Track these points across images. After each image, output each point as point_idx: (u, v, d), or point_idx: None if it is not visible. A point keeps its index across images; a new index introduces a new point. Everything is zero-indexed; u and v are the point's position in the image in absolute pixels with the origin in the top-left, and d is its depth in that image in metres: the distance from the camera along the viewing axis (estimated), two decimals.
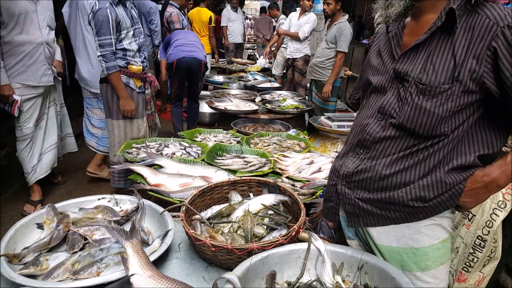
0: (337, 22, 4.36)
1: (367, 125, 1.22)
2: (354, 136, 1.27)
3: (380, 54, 1.26)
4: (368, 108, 1.25)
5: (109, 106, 2.79)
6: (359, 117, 1.29)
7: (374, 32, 5.89)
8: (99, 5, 2.56)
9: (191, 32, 4.68)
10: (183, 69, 4.12)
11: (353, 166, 1.24)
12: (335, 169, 1.32)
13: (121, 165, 2.18)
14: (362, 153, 1.23)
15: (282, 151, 2.96)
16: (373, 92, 1.25)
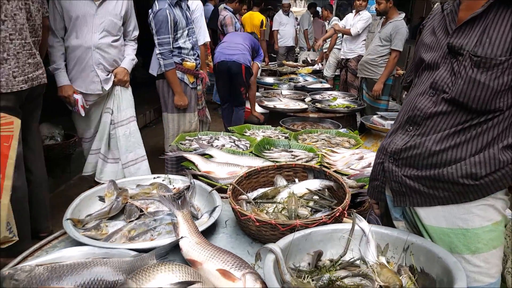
0: (392, 20, 4.26)
1: (418, 101, 1.20)
2: (404, 114, 1.26)
3: (434, 32, 1.24)
4: (419, 85, 1.23)
5: (165, 100, 2.97)
6: (410, 95, 1.27)
7: None
8: (159, 6, 2.76)
9: (241, 34, 4.62)
10: (224, 72, 4.12)
11: (402, 143, 1.22)
12: (383, 147, 1.31)
13: (175, 152, 2.31)
14: (412, 129, 1.21)
15: (331, 147, 2.94)
16: (425, 69, 1.23)
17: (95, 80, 2.76)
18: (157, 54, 2.81)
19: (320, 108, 4.20)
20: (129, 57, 2.93)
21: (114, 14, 2.73)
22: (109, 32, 2.73)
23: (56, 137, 3.43)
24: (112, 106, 2.92)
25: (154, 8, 2.80)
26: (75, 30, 2.65)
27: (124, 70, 2.89)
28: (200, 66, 3.10)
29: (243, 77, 4.15)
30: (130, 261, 1.06)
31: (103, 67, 2.76)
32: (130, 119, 2.98)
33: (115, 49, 2.79)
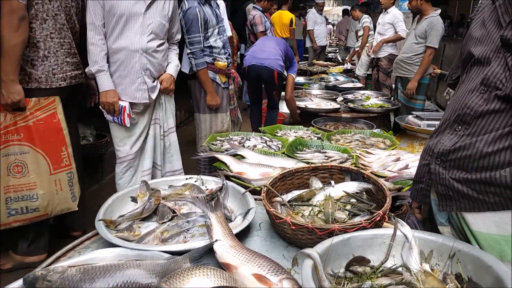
0: (428, 16, 4.10)
1: (468, 99, 1.11)
2: (451, 112, 1.16)
3: (484, 25, 1.15)
4: (468, 82, 1.14)
5: (197, 100, 2.96)
6: (457, 93, 1.18)
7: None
8: (188, 5, 2.74)
9: (274, 38, 4.43)
10: (254, 77, 3.92)
11: (450, 143, 1.14)
12: (429, 148, 1.22)
13: (206, 153, 2.29)
14: (461, 129, 1.12)
15: (365, 148, 2.84)
16: (475, 65, 1.13)
17: (141, 88, 2.46)
18: (188, 54, 2.79)
19: (353, 108, 4.11)
20: (174, 63, 2.67)
21: (163, 15, 2.46)
22: (157, 34, 2.45)
23: (88, 137, 3.51)
24: (160, 116, 2.68)
25: (183, 7, 2.78)
26: (119, 30, 2.35)
27: (171, 77, 2.63)
28: (232, 65, 3.07)
29: (276, 82, 3.94)
30: (164, 264, 1.04)
31: (150, 73, 2.48)
32: (171, 129, 2.76)
33: (161, 54, 2.52)
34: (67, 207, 2.44)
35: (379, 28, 5.80)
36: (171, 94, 2.70)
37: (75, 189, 2.47)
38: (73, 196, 2.46)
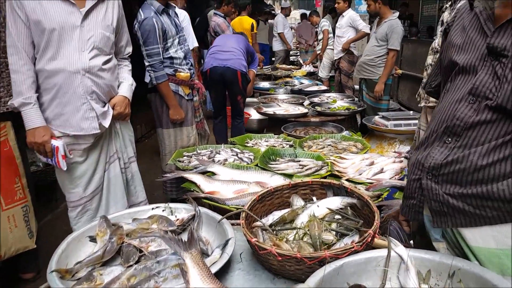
0: (387, 19, 4.19)
1: (456, 110, 1.05)
2: (439, 123, 1.10)
3: (466, 32, 1.09)
4: (455, 91, 1.07)
5: (159, 115, 2.77)
6: (443, 103, 1.11)
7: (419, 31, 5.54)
8: (144, 15, 2.55)
9: (234, 37, 4.17)
10: (217, 80, 3.72)
11: (441, 156, 1.06)
12: (418, 161, 1.14)
13: (173, 174, 2.11)
14: (452, 141, 1.06)
15: (338, 153, 2.78)
16: (459, 73, 1.08)
17: (89, 116, 1.98)
18: (147, 67, 2.58)
19: (321, 111, 4.08)
20: (127, 82, 2.22)
21: (105, 25, 2.01)
22: (100, 49, 2.00)
23: (38, 163, 3.14)
24: (118, 147, 2.24)
25: (139, 17, 2.58)
26: (53, 48, 1.87)
27: (125, 100, 2.17)
28: (195, 75, 2.90)
29: (240, 85, 3.81)
30: None
31: (98, 96, 2.02)
32: (131, 159, 2.34)
33: (109, 72, 2.05)
34: (24, 245, 2.19)
35: (338, 31, 5.90)
36: (127, 119, 2.27)
37: (32, 224, 2.22)
38: (30, 233, 2.21)
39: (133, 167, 2.37)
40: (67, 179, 2.06)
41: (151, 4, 2.62)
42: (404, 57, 5.91)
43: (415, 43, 6.04)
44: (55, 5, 1.86)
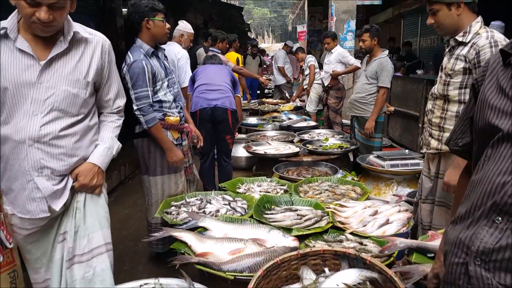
0: (377, 57, 4.19)
1: (505, 184, 0.89)
2: (483, 197, 0.94)
3: (504, 92, 0.96)
4: (500, 161, 0.92)
5: (146, 161, 2.56)
6: (486, 172, 0.96)
7: (404, 64, 5.53)
8: (133, 58, 2.42)
9: (219, 69, 3.98)
10: (207, 120, 3.57)
11: (492, 239, 0.90)
12: (461, 242, 0.96)
13: (162, 232, 1.89)
14: (502, 221, 0.89)
15: (337, 199, 2.62)
16: (504, 141, 0.93)
17: (35, 196, 1.59)
18: (135, 111, 2.40)
19: (312, 150, 3.96)
20: (103, 145, 1.76)
21: (73, 79, 1.61)
22: (63, 111, 1.61)
23: None
24: (70, 228, 1.69)
25: (127, 60, 2.43)
26: (6, 110, 1.56)
27: (93, 168, 1.70)
28: (184, 118, 2.72)
29: (230, 123, 3.67)
30: None
31: (51, 172, 1.61)
32: (99, 250, 1.70)
33: (73, 138, 1.65)
34: None
35: (326, 67, 5.95)
36: (98, 192, 1.77)
37: None
38: None
39: (101, 263, 1.68)
40: (32, 256, 1.71)
41: (140, 47, 2.50)
42: (393, 93, 5.93)
43: (404, 79, 6.08)
44: (11, 57, 1.52)
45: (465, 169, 1.29)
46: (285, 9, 47.72)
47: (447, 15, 2.11)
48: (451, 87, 2.20)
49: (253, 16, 48.15)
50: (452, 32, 2.17)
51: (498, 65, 1.02)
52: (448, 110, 2.24)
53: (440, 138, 2.28)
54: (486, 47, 2.01)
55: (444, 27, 2.16)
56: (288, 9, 44.39)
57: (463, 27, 2.11)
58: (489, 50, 1.99)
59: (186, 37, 4.39)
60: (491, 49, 1.99)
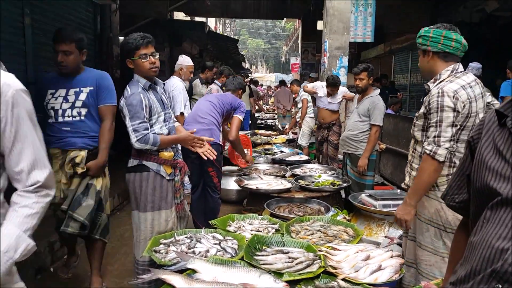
0: (369, 95, 4.29)
1: (505, 251, 0.88)
2: (482, 262, 0.93)
3: (501, 153, 0.96)
4: (499, 226, 0.92)
5: (137, 197, 2.51)
6: (485, 235, 0.95)
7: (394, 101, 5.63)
8: (131, 91, 2.43)
9: (212, 98, 3.95)
10: (187, 150, 3.29)
11: None
12: None
13: (150, 274, 1.83)
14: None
15: (329, 241, 2.60)
16: (503, 205, 0.93)
17: None
18: (135, 143, 2.37)
19: (304, 186, 3.94)
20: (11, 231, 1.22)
21: None
22: None
23: None
24: None
25: (125, 93, 2.44)
26: None
27: None
28: (178, 154, 2.71)
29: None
30: None
31: None
32: None
33: None
34: None
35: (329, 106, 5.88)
36: None
37: None
38: None
39: None
40: None
41: (138, 81, 2.51)
42: (385, 131, 6.01)
43: (396, 117, 6.18)
44: None
45: (461, 225, 1.29)
46: (278, 41, 48.93)
47: (422, 60, 2.28)
48: (416, 128, 2.33)
49: (248, 46, 49.22)
50: (428, 76, 2.29)
51: (494, 125, 1.02)
52: (416, 150, 2.35)
53: (410, 175, 2.38)
54: (434, 96, 2.14)
55: (423, 72, 2.34)
56: (282, 41, 45.50)
57: (436, 74, 2.23)
58: (435, 100, 2.12)
59: (185, 70, 4.60)
60: (437, 98, 2.11)
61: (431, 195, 2.24)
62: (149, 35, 2.52)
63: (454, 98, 2.09)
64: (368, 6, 7.50)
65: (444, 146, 2.10)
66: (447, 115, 2.09)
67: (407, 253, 2.44)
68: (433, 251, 2.24)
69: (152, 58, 2.49)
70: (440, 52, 2.18)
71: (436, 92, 2.13)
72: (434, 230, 2.23)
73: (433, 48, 2.18)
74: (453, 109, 2.08)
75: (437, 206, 2.21)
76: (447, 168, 2.19)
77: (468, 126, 2.16)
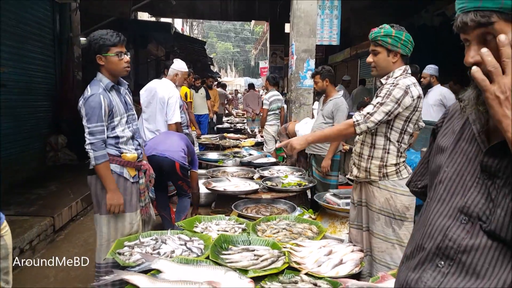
0: (332, 97, 4.37)
1: (448, 229, 0.93)
2: (428, 238, 0.98)
3: (456, 138, 1.02)
4: (441, 204, 0.97)
5: (98, 200, 2.47)
6: (428, 214, 1.00)
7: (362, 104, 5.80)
8: (91, 92, 2.37)
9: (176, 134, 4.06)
10: (155, 167, 3.26)
11: (435, 283, 0.93)
12: (407, 283, 1.00)
13: (112, 275, 1.81)
14: (444, 265, 0.93)
15: (294, 238, 2.66)
16: (446, 183, 0.98)
17: None
18: (87, 145, 2.33)
19: (272, 187, 4.00)
20: None
21: None
22: None
23: None
24: None
25: (85, 93, 2.38)
26: None
27: None
28: (142, 156, 2.68)
29: (179, 174, 3.60)
30: None
31: None
32: None
33: None
34: None
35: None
36: None
37: None
38: None
39: None
40: None
41: (100, 80, 2.46)
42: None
43: None
44: None
45: None
46: (248, 44, 49.01)
47: (385, 59, 2.38)
48: None
49: (216, 49, 49.02)
50: (383, 75, 2.43)
51: (456, 113, 1.08)
52: (365, 141, 2.49)
53: (359, 166, 2.51)
54: (388, 85, 2.32)
55: (379, 69, 2.43)
56: (251, 45, 45.60)
57: (390, 72, 2.39)
58: (388, 87, 2.30)
59: (180, 76, 4.47)
60: (389, 87, 2.29)
61: (381, 185, 2.41)
62: (121, 33, 2.48)
63: (406, 92, 2.26)
64: (334, 8, 7.63)
65: (368, 124, 2.28)
66: (390, 103, 2.26)
67: (364, 243, 2.57)
68: (384, 238, 2.40)
69: (127, 57, 2.47)
70: (405, 55, 2.36)
71: (391, 82, 2.31)
72: (384, 219, 2.39)
73: (403, 51, 2.33)
74: (397, 101, 2.25)
75: (386, 195, 2.38)
76: (395, 158, 2.38)
77: (413, 119, 2.35)
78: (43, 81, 5.98)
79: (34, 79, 5.69)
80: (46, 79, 6.08)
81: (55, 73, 6.25)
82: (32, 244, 3.44)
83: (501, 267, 0.85)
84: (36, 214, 3.83)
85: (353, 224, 2.67)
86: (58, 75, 6.30)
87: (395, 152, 2.37)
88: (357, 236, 2.63)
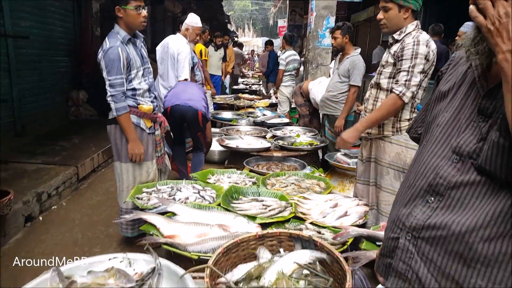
0: (349, 55, 4.25)
1: (439, 167, 1.00)
2: (420, 177, 1.05)
3: (457, 83, 1.07)
4: (435, 145, 1.04)
5: (118, 148, 2.63)
6: (422, 155, 1.07)
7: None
8: (109, 44, 2.45)
9: (194, 84, 4.10)
10: (177, 117, 3.55)
11: (424, 217, 1.00)
12: (398, 219, 1.08)
13: (132, 215, 1.98)
14: (434, 201, 1.00)
15: (301, 192, 2.77)
16: (443, 127, 1.04)
17: None
18: (108, 97, 2.46)
19: (283, 146, 4.09)
20: None
21: None
22: None
23: None
24: None
25: (104, 46, 2.46)
26: None
27: None
28: (158, 108, 2.80)
29: (200, 123, 3.64)
30: None
31: None
32: None
33: None
34: None
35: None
36: None
37: None
38: None
39: None
40: None
41: (118, 33, 2.53)
42: (365, 92, 6.06)
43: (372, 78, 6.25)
44: None
45: None
46: (267, 2, 47.25)
47: (396, 15, 2.39)
48: (382, 76, 2.51)
49: (234, 7, 47.50)
50: (394, 31, 2.45)
51: (461, 60, 1.11)
52: (378, 98, 2.54)
53: None
54: (410, 44, 2.32)
55: (390, 25, 2.44)
56: (270, 2, 43.95)
57: (402, 28, 2.41)
58: (411, 47, 2.31)
59: (191, 31, 4.22)
60: (413, 46, 2.31)
61: (393, 140, 2.48)
62: None
63: (427, 46, 2.30)
64: None
65: (411, 89, 2.34)
66: (420, 62, 2.30)
67: (370, 198, 2.69)
68: (392, 192, 2.50)
69: (144, 11, 2.52)
70: (416, 10, 2.37)
71: (412, 41, 2.32)
72: (394, 173, 2.48)
73: (414, 6, 2.34)
74: (425, 57, 2.30)
75: (397, 150, 2.46)
76: (409, 113, 2.44)
77: (429, 73, 2.39)
78: (63, 36, 6.07)
79: (54, 33, 5.78)
80: (66, 34, 6.16)
81: (74, 28, 6.32)
82: (58, 190, 3.68)
83: (487, 201, 0.91)
84: (61, 163, 4.05)
85: (359, 179, 2.77)
86: (77, 31, 6.38)
87: (408, 107, 2.43)
88: (363, 191, 2.74)
